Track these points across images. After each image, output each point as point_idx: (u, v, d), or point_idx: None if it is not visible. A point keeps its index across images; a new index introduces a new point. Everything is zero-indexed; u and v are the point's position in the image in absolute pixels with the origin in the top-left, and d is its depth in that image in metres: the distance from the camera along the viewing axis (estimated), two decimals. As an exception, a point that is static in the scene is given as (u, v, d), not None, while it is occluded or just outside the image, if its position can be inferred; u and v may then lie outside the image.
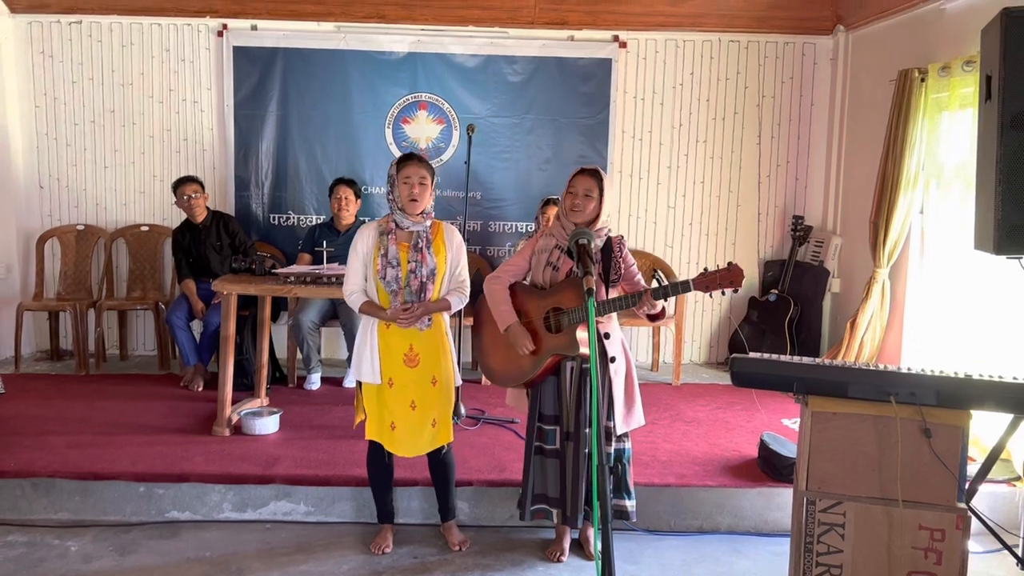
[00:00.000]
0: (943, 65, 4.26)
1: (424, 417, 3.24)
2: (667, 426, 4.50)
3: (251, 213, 5.82)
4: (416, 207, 3.15)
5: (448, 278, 3.27)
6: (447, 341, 3.31)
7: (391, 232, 3.18)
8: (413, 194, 3.12)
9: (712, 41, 5.83)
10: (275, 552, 3.40)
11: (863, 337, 4.97)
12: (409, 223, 3.18)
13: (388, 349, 3.21)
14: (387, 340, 3.21)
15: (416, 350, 3.22)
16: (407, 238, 3.20)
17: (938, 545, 2.62)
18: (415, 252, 3.17)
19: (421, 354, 3.22)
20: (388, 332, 3.21)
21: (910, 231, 4.75)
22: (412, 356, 3.21)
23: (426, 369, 3.24)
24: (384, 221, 3.24)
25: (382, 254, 3.17)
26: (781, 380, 2.74)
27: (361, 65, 5.72)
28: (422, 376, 3.23)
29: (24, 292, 5.83)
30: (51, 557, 3.31)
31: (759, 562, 3.43)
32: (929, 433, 2.59)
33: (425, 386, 3.24)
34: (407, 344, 3.21)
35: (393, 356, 3.21)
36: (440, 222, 3.31)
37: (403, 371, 3.22)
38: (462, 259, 3.30)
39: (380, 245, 3.18)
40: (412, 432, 3.24)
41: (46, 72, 5.77)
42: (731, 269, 2.86)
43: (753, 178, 5.96)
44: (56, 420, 4.36)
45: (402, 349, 3.21)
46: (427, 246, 3.19)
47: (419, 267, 3.16)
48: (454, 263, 3.28)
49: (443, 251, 3.24)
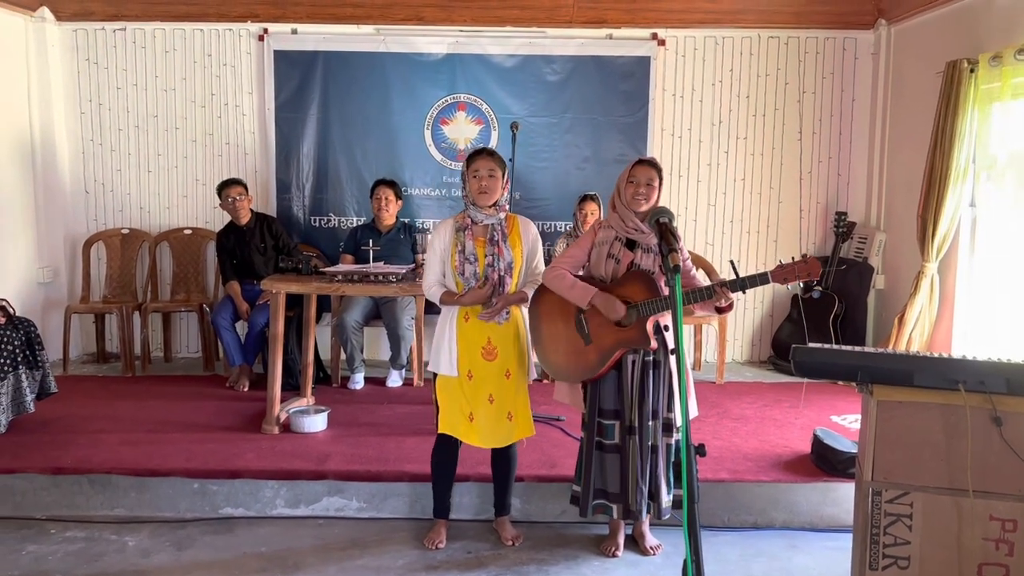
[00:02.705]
0: (994, 54, 4.20)
1: (501, 410, 3.23)
2: (715, 423, 4.46)
3: (292, 215, 5.87)
4: (487, 199, 3.15)
5: (525, 271, 3.26)
6: (524, 334, 3.30)
7: (467, 228, 3.20)
8: (483, 187, 3.13)
9: (751, 37, 5.80)
10: (330, 547, 3.41)
11: (911, 332, 4.90)
12: (483, 216, 3.18)
13: (467, 342, 3.21)
14: (465, 333, 3.21)
15: (494, 343, 3.21)
16: (483, 232, 3.21)
17: (1010, 536, 2.57)
18: (491, 245, 3.18)
19: (499, 347, 3.22)
20: (467, 325, 3.21)
21: (959, 224, 4.68)
22: (490, 349, 3.21)
23: (503, 362, 3.23)
24: (460, 217, 3.25)
25: (459, 250, 3.18)
26: (845, 369, 2.71)
27: (400, 67, 5.76)
28: (499, 369, 3.23)
29: (71, 295, 5.92)
30: (110, 552, 3.35)
31: (817, 557, 3.39)
32: (1000, 421, 2.54)
33: (500, 379, 3.23)
34: (485, 337, 3.21)
35: (472, 349, 3.21)
36: (515, 216, 3.31)
37: (481, 364, 3.22)
38: (538, 252, 3.31)
39: (457, 241, 3.19)
40: (491, 424, 3.24)
41: (91, 79, 5.87)
42: (807, 261, 2.83)
43: (794, 175, 5.91)
44: (107, 419, 4.42)
45: (480, 342, 3.21)
46: (503, 239, 3.19)
47: (496, 260, 3.17)
48: (530, 256, 3.28)
49: (519, 244, 3.24)
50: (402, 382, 5.30)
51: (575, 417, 3.89)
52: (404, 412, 4.65)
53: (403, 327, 5.13)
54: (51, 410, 4.46)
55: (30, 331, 4.35)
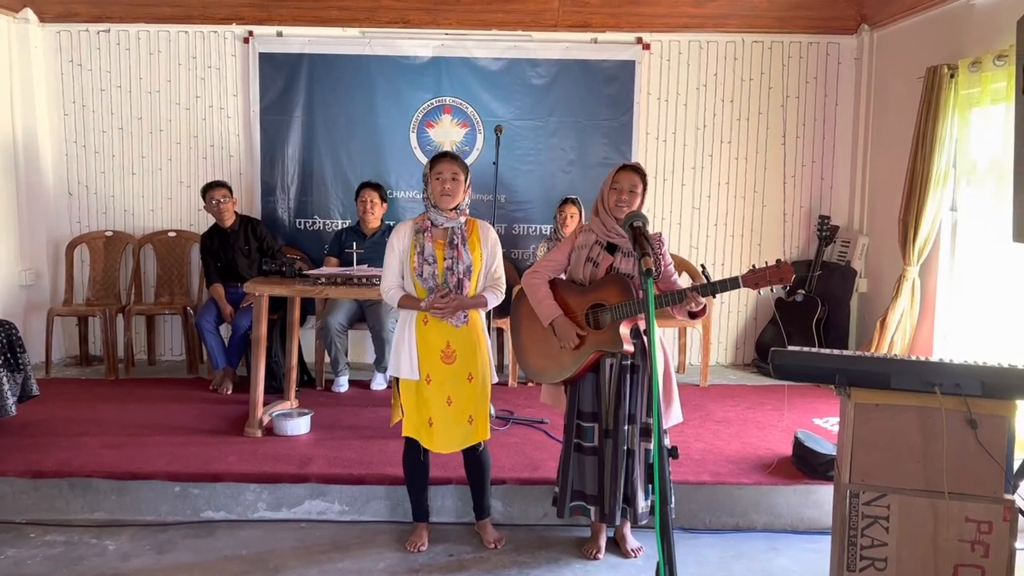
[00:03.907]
0: (973, 60, 4.24)
1: (460, 413, 3.24)
2: (697, 426, 4.48)
3: (277, 218, 5.86)
4: (449, 202, 3.15)
5: (484, 275, 3.26)
6: (483, 338, 3.30)
7: (427, 230, 3.20)
8: (445, 189, 3.13)
9: (735, 42, 5.83)
10: (311, 550, 3.40)
11: (893, 336, 4.93)
12: (443, 219, 3.19)
13: (426, 345, 3.22)
14: (425, 336, 3.22)
15: (453, 347, 3.22)
16: (442, 235, 3.21)
17: (985, 537, 2.60)
18: (451, 249, 3.18)
19: (458, 351, 3.22)
20: (426, 328, 3.22)
21: (940, 228, 4.72)
22: (449, 352, 3.22)
23: (462, 366, 3.24)
24: (419, 219, 3.25)
25: (418, 251, 3.18)
26: (823, 372, 2.73)
27: (386, 70, 5.76)
28: (458, 373, 3.23)
29: (54, 298, 5.88)
30: (90, 556, 3.33)
31: (797, 559, 3.40)
32: (975, 424, 2.57)
33: (461, 382, 3.24)
34: (444, 341, 3.22)
35: (431, 352, 3.22)
36: (475, 220, 3.31)
37: (440, 367, 3.22)
38: (497, 256, 3.30)
39: (416, 243, 3.20)
40: (448, 428, 3.24)
41: (75, 80, 5.84)
42: (780, 266, 2.82)
43: (778, 178, 5.94)
44: (89, 422, 4.39)
45: (439, 346, 3.22)
46: (462, 242, 3.20)
47: (455, 263, 3.17)
48: (490, 260, 3.28)
49: (478, 248, 3.25)
50: (386, 385, 5.29)
51: (558, 420, 3.89)
52: (388, 415, 4.56)
53: (387, 330, 5.12)
54: (32, 413, 4.43)
55: (11, 333, 4.32)
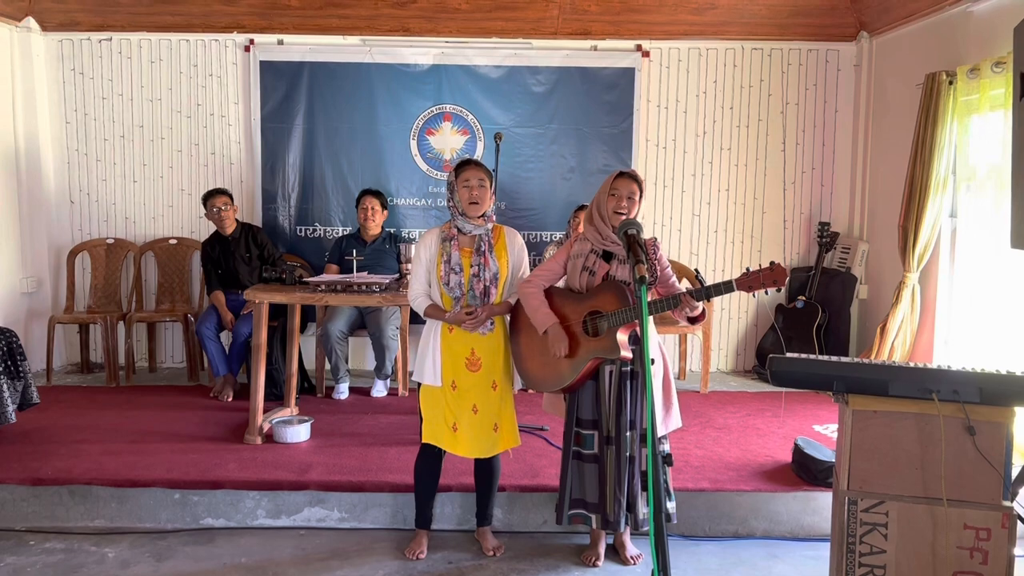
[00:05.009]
0: (972, 67, 4.25)
1: (486, 421, 3.24)
2: (698, 432, 4.48)
3: (278, 225, 5.87)
4: (477, 209, 3.16)
5: (511, 281, 3.26)
6: (506, 346, 3.30)
7: (453, 238, 3.20)
8: (473, 196, 3.14)
9: (735, 49, 5.85)
10: (310, 558, 3.40)
11: (893, 342, 4.94)
12: (471, 227, 3.19)
13: (451, 353, 3.22)
14: (450, 344, 3.22)
15: (478, 354, 3.22)
16: (469, 243, 3.21)
17: (984, 544, 2.59)
18: (477, 256, 3.18)
19: (483, 358, 3.22)
20: (451, 336, 3.22)
21: (940, 234, 4.73)
22: (474, 360, 3.22)
23: (487, 374, 3.23)
24: (446, 227, 3.25)
25: (445, 260, 3.18)
26: (821, 379, 2.73)
27: (386, 78, 5.78)
28: (483, 381, 3.23)
29: (55, 305, 5.90)
30: (89, 563, 3.33)
31: (797, 566, 3.40)
32: (973, 430, 2.57)
33: (486, 391, 3.23)
34: (469, 348, 3.21)
35: (456, 360, 3.22)
36: (501, 226, 3.31)
37: (465, 375, 3.22)
38: (524, 262, 3.31)
39: (443, 251, 3.19)
40: (475, 434, 3.24)
41: (77, 89, 5.87)
42: (774, 268, 2.82)
43: (778, 185, 5.95)
44: (90, 429, 4.40)
45: (464, 353, 3.21)
46: (489, 250, 3.19)
47: (482, 271, 3.17)
48: (516, 266, 3.28)
49: (505, 255, 3.25)
50: (387, 392, 5.30)
51: (559, 427, 3.89)
52: (388, 422, 4.65)
53: (388, 337, 5.13)
54: (33, 420, 4.44)
55: (12, 341, 4.33)
